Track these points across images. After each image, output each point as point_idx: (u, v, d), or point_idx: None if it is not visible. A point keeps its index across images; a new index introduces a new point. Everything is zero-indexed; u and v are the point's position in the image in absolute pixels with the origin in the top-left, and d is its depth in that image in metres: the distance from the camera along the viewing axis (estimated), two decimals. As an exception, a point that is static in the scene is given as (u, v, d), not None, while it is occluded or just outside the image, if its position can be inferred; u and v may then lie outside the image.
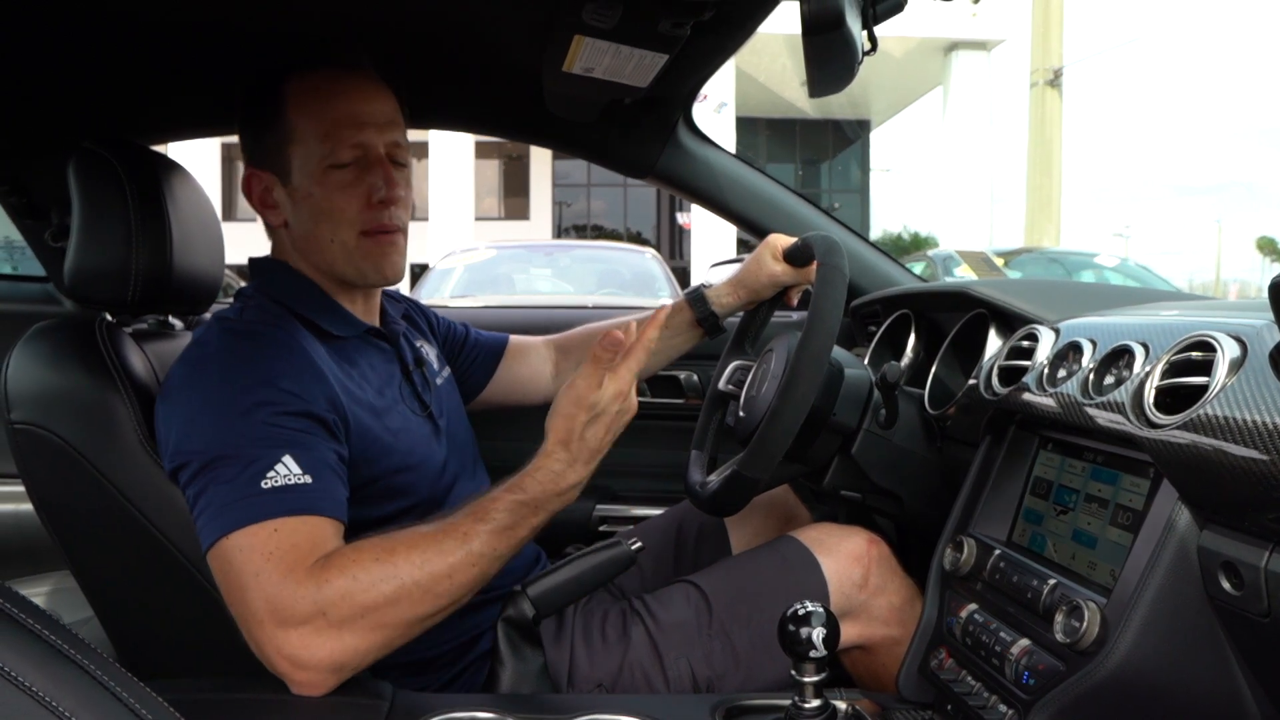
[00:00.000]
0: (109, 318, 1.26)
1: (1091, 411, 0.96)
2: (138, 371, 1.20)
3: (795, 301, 1.57)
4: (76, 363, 1.16)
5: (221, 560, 0.97)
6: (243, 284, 1.29)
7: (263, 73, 1.21)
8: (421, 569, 0.97)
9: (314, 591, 0.94)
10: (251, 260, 1.29)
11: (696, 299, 1.59)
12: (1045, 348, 1.13)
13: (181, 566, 1.13)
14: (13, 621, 0.52)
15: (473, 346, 1.58)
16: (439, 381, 1.38)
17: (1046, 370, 1.08)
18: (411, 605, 0.97)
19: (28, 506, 1.23)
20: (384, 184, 1.19)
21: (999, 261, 8.71)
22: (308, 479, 1.00)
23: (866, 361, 1.66)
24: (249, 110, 1.23)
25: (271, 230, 1.26)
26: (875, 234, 24.18)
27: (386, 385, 1.23)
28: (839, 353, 1.32)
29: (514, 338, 1.64)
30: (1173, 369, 0.89)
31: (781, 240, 1.51)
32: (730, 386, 1.48)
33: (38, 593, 1.88)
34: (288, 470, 0.99)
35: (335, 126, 1.17)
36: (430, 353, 1.41)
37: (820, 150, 25.30)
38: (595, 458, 1.05)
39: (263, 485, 0.98)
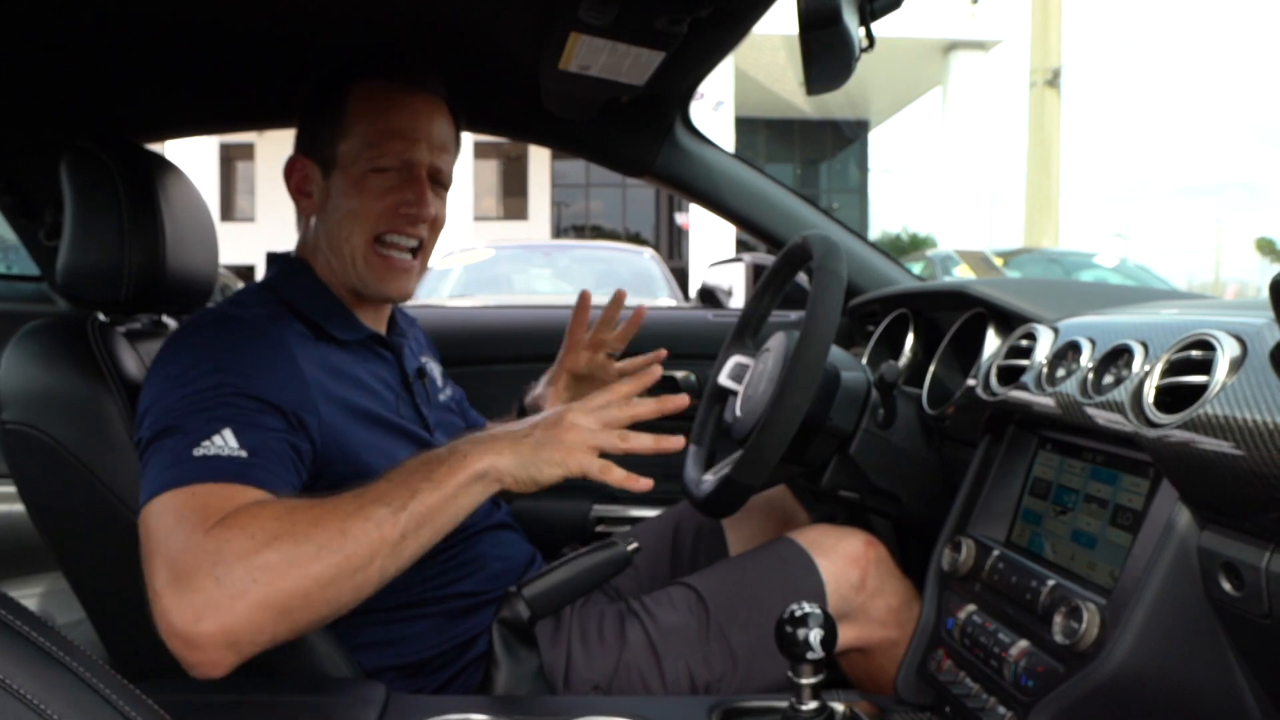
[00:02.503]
0: (102, 317, 1.25)
1: (1091, 411, 0.96)
2: (130, 371, 1.19)
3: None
4: (68, 362, 1.15)
5: (143, 527, 0.92)
6: (240, 284, 1.29)
7: (333, 72, 1.23)
8: (316, 525, 0.90)
9: (212, 546, 0.87)
10: (270, 255, 1.29)
11: (532, 407, 1.53)
12: (1044, 347, 1.12)
13: None
14: (2, 625, 0.52)
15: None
16: (441, 398, 1.38)
17: (1045, 370, 1.08)
18: (306, 565, 0.88)
19: (21, 507, 1.23)
20: (415, 199, 1.20)
21: (998, 261, 8.70)
22: (243, 454, 0.96)
23: (865, 361, 1.66)
24: (310, 103, 1.25)
25: (302, 220, 1.28)
26: (874, 234, 24.15)
27: (383, 393, 1.23)
28: (836, 354, 1.31)
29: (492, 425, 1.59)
30: (1172, 368, 0.88)
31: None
32: (729, 382, 1.47)
33: (31, 594, 1.88)
34: (224, 442, 0.95)
35: (388, 135, 1.19)
36: (435, 370, 1.41)
37: (819, 150, 25.28)
38: (506, 435, 1.01)
39: (194, 453, 0.94)
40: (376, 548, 0.92)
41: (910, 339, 1.60)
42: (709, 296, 2.65)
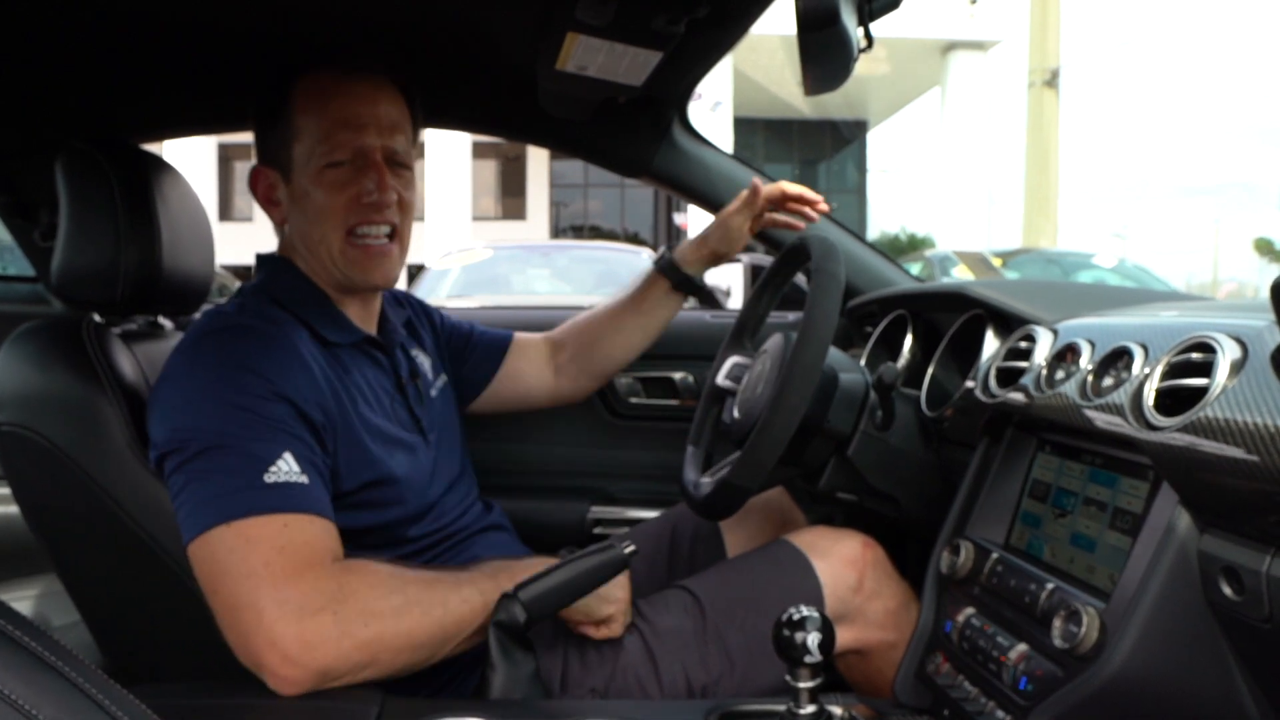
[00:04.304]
0: (97, 318, 1.25)
1: (1090, 413, 0.95)
2: (125, 372, 1.19)
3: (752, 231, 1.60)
4: (62, 364, 1.15)
5: (219, 548, 0.96)
6: (238, 283, 1.29)
7: (274, 70, 1.21)
8: (424, 590, 1.01)
9: (334, 586, 0.94)
10: (259, 255, 1.28)
11: (666, 265, 1.60)
12: (1043, 349, 1.12)
13: (169, 570, 1.12)
14: (-8, 628, 0.51)
15: (478, 343, 1.57)
16: (433, 393, 1.37)
17: (1044, 372, 1.07)
18: (411, 623, 0.98)
19: (16, 509, 1.22)
20: (375, 187, 1.18)
21: (996, 262, 8.69)
22: (304, 479, 1.00)
23: (863, 362, 1.65)
24: (259, 105, 1.24)
25: (276, 227, 1.27)
26: (873, 235, 24.18)
27: (379, 397, 1.23)
28: (834, 356, 1.31)
29: (518, 335, 1.63)
30: (1172, 370, 0.88)
31: (744, 193, 1.54)
32: (728, 382, 1.47)
33: (27, 596, 1.87)
34: (289, 468, 0.99)
35: (335, 127, 1.17)
36: (425, 363, 1.40)
37: (818, 151, 25.30)
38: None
39: (266, 479, 0.97)
40: (462, 626, 1.03)
41: (909, 340, 1.59)
42: (707, 297, 2.65)
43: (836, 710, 1.01)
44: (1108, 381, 0.97)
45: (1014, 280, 4.24)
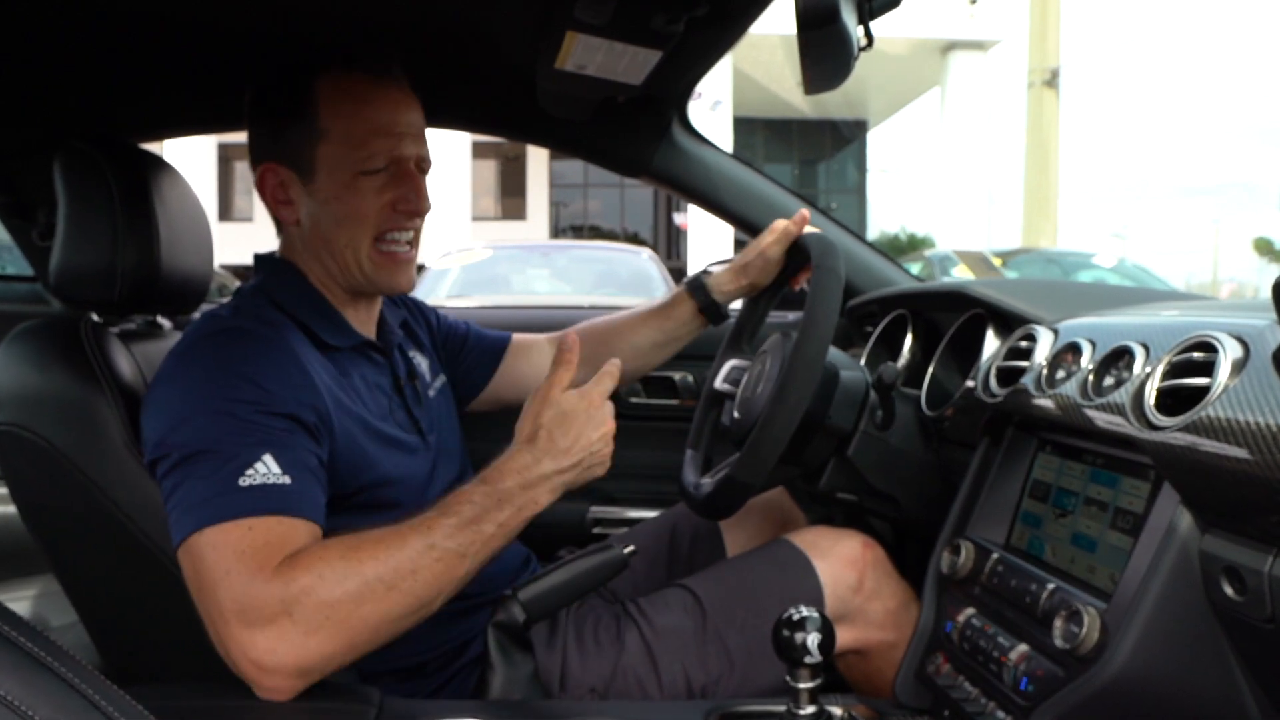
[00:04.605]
0: (95, 318, 1.25)
1: (1091, 413, 0.95)
2: (123, 372, 1.18)
3: (798, 287, 1.53)
4: (60, 363, 1.14)
5: (192, 557, 0.95)
6: (238, 283, 1.28)
7: (291, 67, 1.18)
8: (385, 564, 0.95)
9: (281, 589, 0.91)
10: (257, 256, 1.27)
11: (697, 287, 1.56)
12: (1044, 348, 1.11)
13: (167, 570, 1.11)
14: (-12, 629, 0.51)
15: (474, 345, 1.56)
16: (431, 394, 1.37)
17: (1045, 371, 1.07)
18: (376, 603, 0.94)
19: (13, 509, 1.22)
20: (414, 195, 1.18)
21: (996, 262, 8.70)
22: (286, 479, 0.98)
23: (863, 362, 1.65)
24: (272, 103, 1.20)
25: (281, 227, 1.24)
26: (873, 234, 24.17)
27: (377, 399, 1.22)
28: (834, 354, 1.30)
29: (517, 336, 1.62)
30: (1173, 370, 0.88)
31: (782, 224, 1.49)
32: (726, 385, 1.47)
33: (25, 596, 1.87)
34: (267, 469, 0.97)
35: (372, 134, 1.15)
36: (423, 364, 1.40)
37: (818, 150, 25.30)
38: (564, 457, 1.07)
39: (240, 483, 0.96)
40: (443, 585, 0.99)
41: (909, 340, 1.59)
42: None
43: (836, 711, 1.01)
44: (1108, 381, 0.97)
45: (1014, 280, 4.24)
